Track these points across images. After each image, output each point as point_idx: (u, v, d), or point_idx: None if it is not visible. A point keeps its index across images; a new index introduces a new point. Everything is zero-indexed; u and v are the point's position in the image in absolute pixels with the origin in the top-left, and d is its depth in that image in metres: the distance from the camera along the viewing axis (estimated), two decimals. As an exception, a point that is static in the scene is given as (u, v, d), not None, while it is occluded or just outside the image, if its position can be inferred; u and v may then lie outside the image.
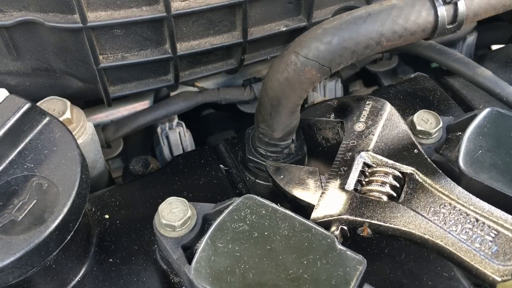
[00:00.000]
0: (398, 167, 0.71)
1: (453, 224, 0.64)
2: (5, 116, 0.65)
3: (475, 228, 0.63)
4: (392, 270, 0.76)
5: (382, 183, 0.70)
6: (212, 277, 0.61)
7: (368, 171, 0.73)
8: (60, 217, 0.62)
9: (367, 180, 0.72)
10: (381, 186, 0.70)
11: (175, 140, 1.07)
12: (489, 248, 0.61)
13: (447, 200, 0.67)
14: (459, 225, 0.64)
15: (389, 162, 0.72)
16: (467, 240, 0.63)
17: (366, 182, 0.72)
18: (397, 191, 0.70)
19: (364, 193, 0.70)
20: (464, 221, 0.64)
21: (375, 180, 0.71)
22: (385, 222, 0.67)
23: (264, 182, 0.85)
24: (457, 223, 0.64)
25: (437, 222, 0.65)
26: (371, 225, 0.67)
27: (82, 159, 0.67)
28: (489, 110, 0.74)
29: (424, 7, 0.69)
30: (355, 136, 0.76)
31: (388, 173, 0.71)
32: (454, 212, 0.65)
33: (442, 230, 0.64)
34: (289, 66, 0.69)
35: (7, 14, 0.78)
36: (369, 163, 0.73)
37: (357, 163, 0.73)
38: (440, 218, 0.65)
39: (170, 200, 0.69)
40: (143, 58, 0.86)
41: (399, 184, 0.70)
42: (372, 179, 0.71)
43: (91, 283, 0.72)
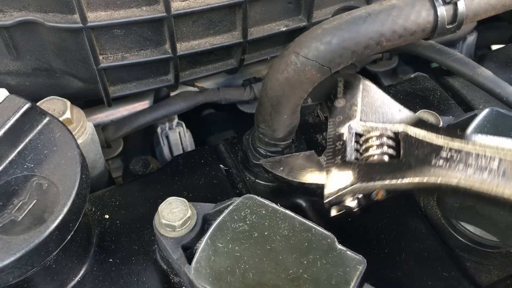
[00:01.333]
0: (389, 128, 0.72)
1: (458, 163, 0.65)
2: (5, 116, 0.65)
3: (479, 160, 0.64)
4: (392, 270, 0.76)
5: (379, 145, 0.71)
6: (212, 277, 0.61)
7: (362, 140, 0.74)
8: (60, 217, 0.62)
9: (363, 148, 0.73)
10: (379, 148, 0.71)
11: (175, 140, 1.07)
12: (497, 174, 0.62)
13: (444, 144, 0.67)
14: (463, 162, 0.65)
15: (379, 126, 0.73)
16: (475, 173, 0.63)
17: (363, 150, 0.72)
18: (395, 150, 0.70)
19: (366, 159, 0.71)
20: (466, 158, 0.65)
21: (371, 145, 0.72)
22: (396, 179, 0.66)
23: (264, 182, 0.85)
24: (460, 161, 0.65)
25: (443, 166, 0.65)
26: (384, 187, 0.67)
27: (82, 159, 0.67)
28: (489, 110, 0.74)
29: (424, 7, 0.69)
30: (338, 112, 0.77)
31: (382, 135, 0.72)
32: (454, 152, 0.66)
33: (451, 172, 0.65)
34: (289, 66, 0.69)
35: (7, 14, 0.78)
36: (360, 132, 0.74)
37: (350, 135, 0.74)
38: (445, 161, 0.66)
39: (170, 200, 0.69)
40: (143, 58, 0.86)
41: (395, 143, 0.71)
42: (368, 145, 0.72)
43: (91, 283, 0.72)
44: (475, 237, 0.78)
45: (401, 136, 0.71)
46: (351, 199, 0.68)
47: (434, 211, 0.83)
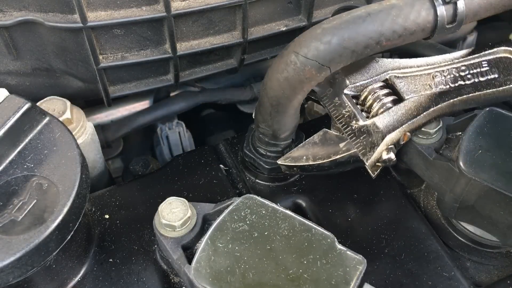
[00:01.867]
0: (378, 79, 0.76)
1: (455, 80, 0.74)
2: (5, 116, 0.65)
3: (471, 70, 0.74)
4: (392, 270, 0.76)
5: (376, 99, 0.74)
6: (212, 277, 0.61)
7: (360, 101, 0.76)
8: (60, 217, 0.62)
9: (366, 107, 0.75)
10: (379, 102, 0.74)
11: (175, 140, 1.07)
12: (493, 72, 0.72)
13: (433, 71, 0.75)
14: (460, 77, 0.74)
15: (368, 81, 0.76)
16: (476, 77, 0.72)
17: (368, 107, 0.75)
18: (394, 95, 0.74)
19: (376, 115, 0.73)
20: (458, 72, 0.74)
21: (371, 103, 0.74)
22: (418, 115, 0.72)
23: (264, 182, 0.85)
24: (456, 78, 0.74)
25: (445, 88, 0.74)
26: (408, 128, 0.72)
27: (82, 159, 0.67)
28: (489, 110, 0.74)
29: (423, 7, 0.69)
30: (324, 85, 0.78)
31: (374, 89, 0.75)
32: (446, 73, 0.75)
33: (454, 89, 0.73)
34: (289, 66, 0.69)
35: (7, 14, 0.78)
36: (355, 94, 0.76)
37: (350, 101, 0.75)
38: (444, 83, 0.74)
39: (170, 200, 0.69)
40: (143, 58, 0.86)
41: (391, 89, 0.75)
42: (368, 104, 0.75)
43: (91, 283, 0.72)
44: (475, 237, 0.78)
45: (392, 82, 0.75)
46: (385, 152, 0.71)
47: (434, 211, 0.83)
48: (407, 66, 0.76)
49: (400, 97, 0.74)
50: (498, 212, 0.69)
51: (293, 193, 0.84)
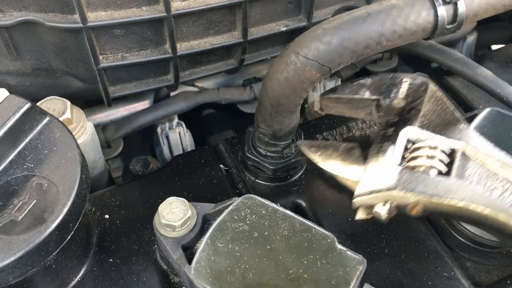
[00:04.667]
0: (447, 142, 0.65)
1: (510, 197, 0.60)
2: (5, 116, 0.65)
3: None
4: (392, 270, 0.76)
5: (430, 157, 0.64)
6: (212, 277, 0.61)
7: (413, 147, 0.67)
8: (60, 217, 0.62)
9: (413, 155, 0.66)
10: (429, 160, 0.64)
11: (175, 140, 1.07)
12: None
13: (501, 174, 0.61)
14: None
15: (436, 137, 0.66)
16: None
17: (412, 157, 0.65)
18: (447, 166, 0.64)
19: (411, 168, 0.64)
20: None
21: (421, 155, 0.64)
22: (440, 196, 0.61)
23: (264, 182, 0.85)
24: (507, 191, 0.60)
25: (496, 197, 0.60)
26: (424, 202, 0.61)
27: (82, 159, 0.67)
28: (489, 110, 0.74)
29: (424, 7, 0.69)
30: (395, 113, 0.71)
31: (437, 147, 0.65)
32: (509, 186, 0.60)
33: (503, 204, 0.59)
34: (289, 66, 0.69)
35: (7, 14, 0.78)
36: (413, 139, 0.67)
37: (401, 138, 0.67)
38: (498, 192, 0.60)
39: (170, 200, 0.69)
40: (143, 58, 0.86)
41: (449, 160, 0.64)
42: (418, 154, 0.65)
43: (91, 283, 0.72)
44: (475, 237, 0.78)
45: (458, 154, 0.64)
46: (382, 205, 0.63)
47: (434, 211, 0.83)
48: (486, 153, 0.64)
49: (448, 173, 0.63)
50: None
51: (293, 193, 0.84)
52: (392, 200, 0.63)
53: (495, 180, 0.61)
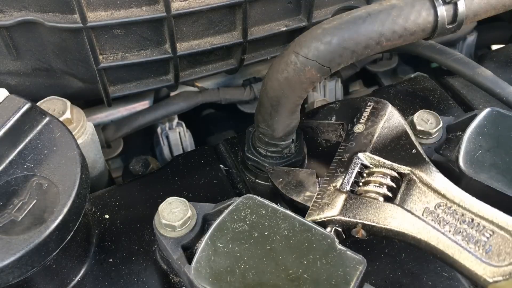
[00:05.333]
0: (396, 168, 0.71)
1: (447, 224, 0.64)
2: (5, 116, 0.65)
3: (470, 228, 0.63)
4: (392, 270, 0.76)
5: (379, 184, 0.70)
6: (212, 277, 0.61)
7: (365, 172, 0.73)
8: (60, 217, 0.62)
9: (364, 181, 0.72)
10: (378, 187, 0.69)
11: (175, 140, 1.07)
12: (483, 248, 0.61)
13: (442, 201, 0.66)
14: (454, 225, 0.63)
15: (387, 163, 0.72)
16: (461, 240, 0.62)
17: (363, 183, 0.71)
18: (394, 192, 0.69)
19: (360, 194, 0.70)
20: (459, 221, 0.63)
21: (373, 181, 0.70)
22: (378, 223, 0.66)
23: (264, 182, 0.85)
24: (452, 223, 0.64)
25: (431, 223, 0.64)
26: (364, 226, 0.67)
27: (82, 159, 0.67)
28: (489, 110, 0.74)
29: (424, 7, 0.69)
30: (353, 138, 0.76)
31: (386, 174, 0.70)
32: (450, 212, 0.65)
33: (435, 231, 0.64)
34: (289, 66, 0.69)
35: (7, 14, 0.78)
36: (367, 164, 0.73)
37: (354, 164, 0.73)
38: (435, 219, 0.65)
39: (170, 200, 0.69)
40: (143, 58, 0.86)
41: (396, 185, 0.70)
42: (370, 179, 0.71)
43: (91, 283, 0.72)
44: (475, 237, 0.78)
45: (405, 179, 0.69)
46: (329, 229, 0.68)
47: (434, 211, 0.83)
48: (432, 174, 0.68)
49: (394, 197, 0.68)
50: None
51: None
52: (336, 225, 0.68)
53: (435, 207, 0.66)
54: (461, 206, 0.65)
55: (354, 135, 0.76)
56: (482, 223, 0.63)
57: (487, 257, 0.60)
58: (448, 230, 0.63)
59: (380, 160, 0.72)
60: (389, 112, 0.77)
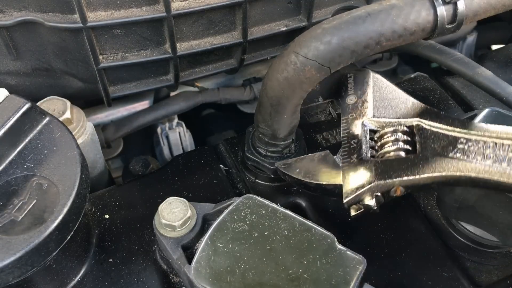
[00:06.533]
0: (403, 122, 0.72)
1: (476, 155, 0.65)
2: (5, 116, 0.65)
3: (497, 150, 0.64)
4: (392, 270, 0.76)
5: (394, 141, 0.70)
6: (212, 277, 0.61)
7: (376, 136, 0.73)
8: (60, 217, 0.62)
9: (379, 144, 0.72)
10: (394, 144, 0.70)
11: (175, 140, 1.07)
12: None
13: (461, 136, 0.67)
14: (481, 153, 0.65)
15: (393, 121, 0.72)
16: (493, 164, 0.63)
17: (379, 147, 0.72)
18: (411, 144, 0.70)
19: (382, 156, 0.70)
20: (484, 148, 0.65)
21: (387, 142, 0.71)
22: (414, 175, 0.66)
23: (264, 182, 0.85)
24: (478, 152, 0.65)
25: (461, 158, 0.65)
26: (402, 183, 0.67)
27: (82, 159, 0.67)
28: (489, 110, 0.74)
29: (423, 7, 0.69)
30: (350, 109, 0.76)
31: (396, 131, 0.71)
32: (471, 143, 0.66)
33: (469, 163, 0.64)
34: (289, 66, 0.69)
35: (7, 14, 0.78)
36: (374, 128, 0.73)
37: (364, 132, 0.73)
38: (462, 153, 0.66)
39: (170, 200, 0.69)
40: (143, 58, 0.86)
41: (410, 138, 0.70)
42: (383, 141, 0.71)
43: (91, 283, 0.72)
44: (475, 237, 0.78)
45: (416, 130, 0.70)
46: (369, 197, 0.68)
47: (434, 211, 0.83)
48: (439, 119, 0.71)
49: (414, 149, 0.70)
50: (498, 212, 0.69)
51: (293, 193, 0.84)
52: (376, 191, 0.68)
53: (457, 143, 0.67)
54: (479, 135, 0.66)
55: (350, 107, 0.76)
56: (505, 142, 0.64)
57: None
58: (479, 159, 0.64)
59: (386, 120, 0.73)
60: (372, 76, 0.78)
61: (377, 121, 0.73)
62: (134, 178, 0.91)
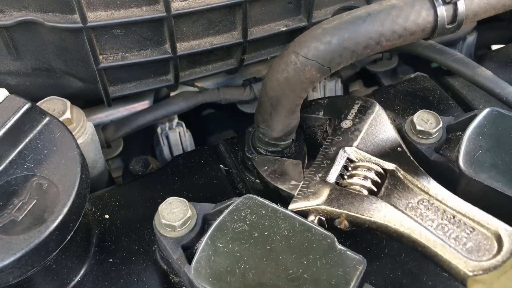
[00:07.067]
0: (381, 164, 0.73)
1: (429, 219, 0.66)
2: (5, 116, 0.65)
3: (451, 224, 0.65)
4: (392, 270, 0.76)
5: (364, 177, 0.71)
6: (212, 277, 0.61)
7: (351, 166, 0.74)
8: (60, 217, 0.62)
9: (349, 174, 0.73)
10: (363, 180, 0.71)
11: (175, 140, 1.07)
12: (463, 244, 0.63)
13: (425, 197, 0.68)
14: (436, 220, 0.65)
15: (373, 158, 0.73)
16: (442, 235, 0.64)
17: (348, 176, 0.73)
18: (378, 186, 0.71)
19: (345, 186, 0.71)
20: (441, 217, 0.65)
21: (358, 174, 0.72)
22: (362, 214, 0.67)
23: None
24: (434, 218, 0.66)
25: (414, 217, 0.66)
26: (348, 217, 0.68)
27: (82, 159, 0.67)
28: (489, 110, 0.74)
29: (423, 7, 0.69)
30: (341, 133, 0.77)
31: (371, 168, 0.72)
32: (432, 208, 0.67)
33: (418, 225, 0.65)
34: (289, 66, 0.69)
35: (7, 14, 0.78)
36: (352, 158, 0.74)
37: (340, 157, 0.74)
38: (418, 213, 0.66)
39: (170, 200, 0.69)
40: (143, 58, 0.86)
41: (381, 180, 0.71)
42: (355, 173, 0.72)
43: (91, 283, 0.72)
44: (475, 237, 0.78)
45: (389, 175, 0.71)
46: (313, 217, 0.69)
47: (434, 211, 0.83)
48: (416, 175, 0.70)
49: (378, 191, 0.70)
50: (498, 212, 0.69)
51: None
52: (320, 213, 0.69)
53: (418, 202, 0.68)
54: (443, 203, 0.67)
55: (342, 130, 0.77)
56: (463, 220, 0.65)
57: (467, 252, 0.62)
58: (430, 225, 0.65)
59: (366, 155, 0.74)
60: (376, 110, 0.79)
61: (358, 152, 0.74)
62: (134, 178, 0.91)
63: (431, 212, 0.66)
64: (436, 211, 0.66)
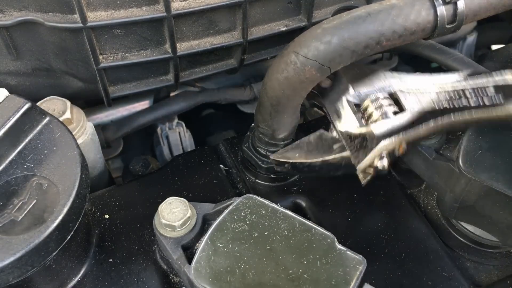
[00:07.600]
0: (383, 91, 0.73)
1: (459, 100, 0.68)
2: (5, 116, 0.65)
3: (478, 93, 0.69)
4: (392, 270, 0.76)
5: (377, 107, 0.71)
6: (212, 277, 0.61)
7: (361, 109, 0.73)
8: (60, 217, 0.62)
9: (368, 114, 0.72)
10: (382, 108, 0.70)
11: (175, 140, 1.07)
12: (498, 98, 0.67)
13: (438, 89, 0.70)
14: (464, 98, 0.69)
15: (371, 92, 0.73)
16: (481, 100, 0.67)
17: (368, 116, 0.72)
18: (398, 106, 0.71)
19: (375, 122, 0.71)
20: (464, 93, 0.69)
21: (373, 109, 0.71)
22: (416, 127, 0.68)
23: (264, 182, 0.85)
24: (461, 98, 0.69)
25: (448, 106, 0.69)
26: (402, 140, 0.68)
27: (82, 159, 0.67)
28: (489, 109, 0.74)
29: (423, 7, 0.69)
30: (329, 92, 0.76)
31: (377, 98, 0.71)
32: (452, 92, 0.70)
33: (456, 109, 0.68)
34: (289, 65, 0.69)
35: (7, 14, 0.78)
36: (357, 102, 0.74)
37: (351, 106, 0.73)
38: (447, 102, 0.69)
39: (170, 200, 0.69)
40: (143, 58, 0.86)
41: (393, 101, 0.71)
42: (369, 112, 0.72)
43: (91, 283, 0.72)
44: (475, 237, 0.78)
45: (397, 94, 0.71)
46: (378, 159, 0.68)
47: (434, 211, 0.83)
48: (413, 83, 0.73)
49: (401, 109, 0.70)
50: (498, 212, 0.69)
51: (293, 193, 0.84)
52: (383, 151, 0.68)
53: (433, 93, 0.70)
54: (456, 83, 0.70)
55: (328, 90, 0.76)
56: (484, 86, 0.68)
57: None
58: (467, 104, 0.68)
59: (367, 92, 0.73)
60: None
61: (358, 95, 0.73)
62: (134, 178, 0.91)
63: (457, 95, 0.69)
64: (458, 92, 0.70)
